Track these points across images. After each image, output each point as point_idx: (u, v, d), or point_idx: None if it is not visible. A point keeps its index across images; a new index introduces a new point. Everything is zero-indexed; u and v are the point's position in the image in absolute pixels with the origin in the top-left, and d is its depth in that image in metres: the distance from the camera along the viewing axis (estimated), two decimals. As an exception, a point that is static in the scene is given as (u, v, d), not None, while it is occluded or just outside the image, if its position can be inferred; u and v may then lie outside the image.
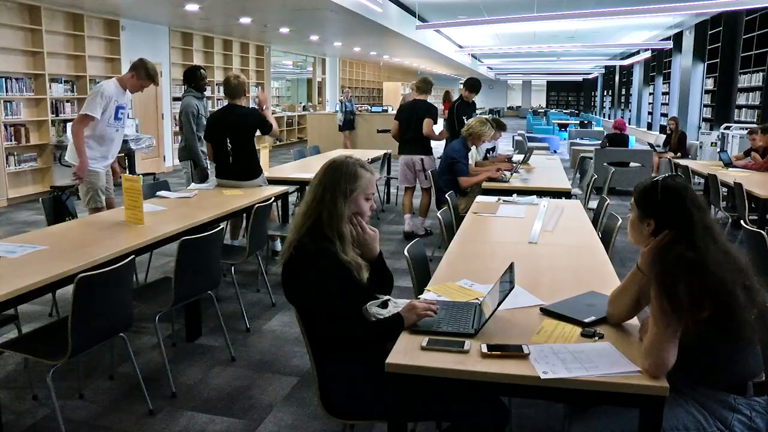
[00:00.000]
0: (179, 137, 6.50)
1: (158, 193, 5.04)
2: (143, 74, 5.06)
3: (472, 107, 8.39)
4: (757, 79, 12.29)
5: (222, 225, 3.94)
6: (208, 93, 6.23)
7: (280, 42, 17.49)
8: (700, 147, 12.81)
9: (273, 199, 5.04)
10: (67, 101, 10.21)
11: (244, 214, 5.04)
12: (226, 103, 5.66)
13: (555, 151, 15.73)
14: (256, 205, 4.54)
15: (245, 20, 12.18)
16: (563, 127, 20.82)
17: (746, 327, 2.00)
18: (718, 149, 11.00)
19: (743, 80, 13.08)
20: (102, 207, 5.11)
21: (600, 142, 11.82)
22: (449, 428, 2.33)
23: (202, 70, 6.32)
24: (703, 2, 11.06)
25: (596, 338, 2.19)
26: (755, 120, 11.95)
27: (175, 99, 12.68)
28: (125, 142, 10.14)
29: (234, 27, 13.45)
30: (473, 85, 8.13)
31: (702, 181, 8.12)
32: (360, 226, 2.43)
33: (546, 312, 2.44)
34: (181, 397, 3.45)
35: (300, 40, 16.71)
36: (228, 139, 5.45)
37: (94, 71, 10.70)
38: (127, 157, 10.34)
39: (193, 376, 3.70)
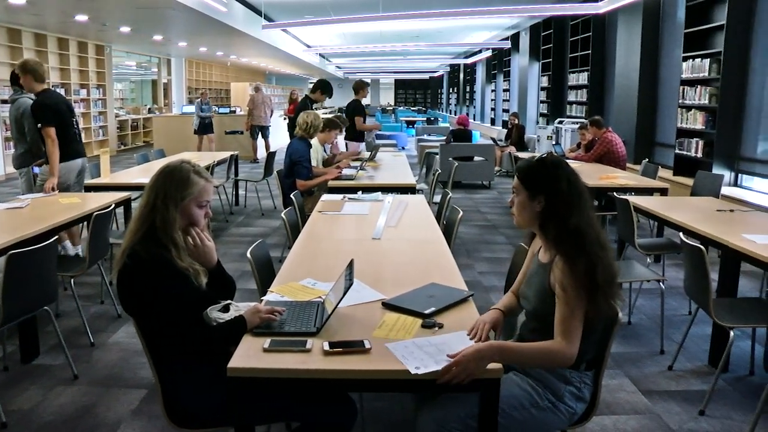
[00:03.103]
0: (11, 143, 6.16)
1: (-16, 205, 4.68)
2: None
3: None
4: (583, 78, 13.28)
5: (57, 236, 3.72)
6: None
7: (121, 42, 16.73)
8: (538, 140, 13.65)
9: (114, 205, 4.82)
10: None
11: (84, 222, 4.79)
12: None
13: (403, 148, 16.06)
14: (95, 213, 4.32)
15: (81, 17, 11.51)
16: (411, 124, 21.37)
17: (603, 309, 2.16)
18: (553, 142, 11.76)
19: (572, 79, 14.06)
20: None
21: (446, 137, 12.25)
22: (298, 428, 2.34)
23: None
24: (527, 6, 11.77)
25: (436, 328, 2.28)
26: (583, 115, 12.89)
27: (3, 102, 11.75)
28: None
29: (70, 25, 12.67)
30: (323, 86, 8.35)
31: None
32: (198, 238, 2.38)
33: (388, 306, 2.50)
34: (14, 425, 3.19)
35: (143, 40, 16.06)
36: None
37: None
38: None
39: (30, 401, 3.45)
